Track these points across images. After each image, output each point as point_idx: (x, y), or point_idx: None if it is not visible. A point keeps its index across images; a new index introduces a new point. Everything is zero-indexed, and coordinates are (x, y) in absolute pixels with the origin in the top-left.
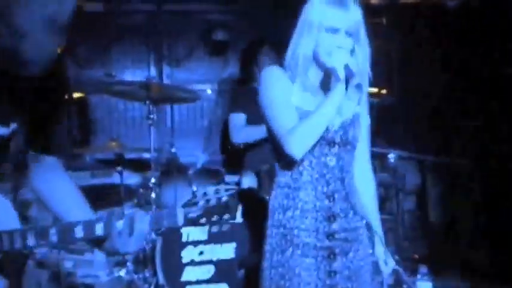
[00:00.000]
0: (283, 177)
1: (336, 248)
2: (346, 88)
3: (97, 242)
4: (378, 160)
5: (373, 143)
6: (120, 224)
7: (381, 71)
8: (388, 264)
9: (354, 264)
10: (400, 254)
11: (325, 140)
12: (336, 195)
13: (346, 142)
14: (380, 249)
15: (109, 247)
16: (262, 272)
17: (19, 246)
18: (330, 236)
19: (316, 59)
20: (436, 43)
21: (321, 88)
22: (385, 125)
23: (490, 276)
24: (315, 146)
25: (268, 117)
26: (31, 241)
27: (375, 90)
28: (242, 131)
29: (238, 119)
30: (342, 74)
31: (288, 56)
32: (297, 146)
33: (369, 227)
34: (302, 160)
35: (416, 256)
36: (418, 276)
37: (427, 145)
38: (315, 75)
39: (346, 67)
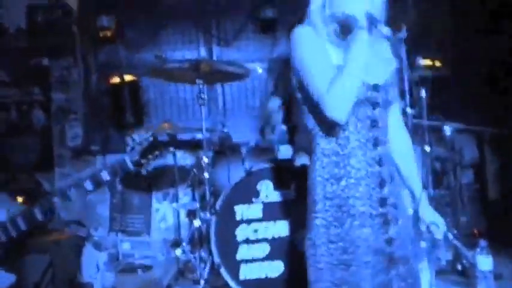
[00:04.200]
0: (327, 145)
1: (389, 214)
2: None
3: None
4: (434, 133)
5: (429, 116)
6: None
7: (434, 42)
8: (439, 224)
9: (405, 231)
10: (459, 229)
11: (369, 101)
12: (383, 159)
13: (387, 103)
14: (428, 212)
15: None
16: (315, 249)
17: None
18: (382, 202)
19: (334, 9)
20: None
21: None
22: (441, 98)
23: None
24: (359, 107)
25: (304, 80)
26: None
27: (428, 62)
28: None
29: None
30: (363, 21)
31: (310, 12)
32: (337, 107)
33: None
34: (347, 124)
35: (476, 231)
36: (478, 250)
37: (484, 117)
38: (339, 28)
39: (368, 14)
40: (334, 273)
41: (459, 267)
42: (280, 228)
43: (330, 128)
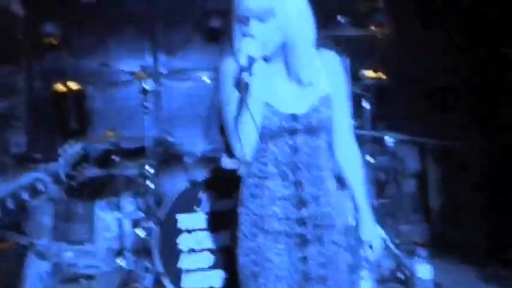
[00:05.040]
0: (252, 167)
1: (308, 234)
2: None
3: None
4: (376, 144)
5: (372, 126)
6: None
7: (377, 53)
8: (374, 248)
9: (329, 251)
10: (400, 238)
11: (286, 130)
12: (304, 182)
13: (311, 128)
14: (366, 230)
15: None
16: (236, 259)
17: None
18: (300, 222)
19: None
20: (433, 23)
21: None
22: (384, 109)
23: (490, 259)
24: (275, 136)
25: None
26: None
27: (371, 73)
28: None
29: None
30: (243, 63)
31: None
32: (239, 150)
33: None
34: (265, 151)
35: (417, 240)
36: (417, 258)
37: (426, 128)
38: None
39: (248, 56)
40: (249, 283)
41: (400, 275)
42: (223, 238)
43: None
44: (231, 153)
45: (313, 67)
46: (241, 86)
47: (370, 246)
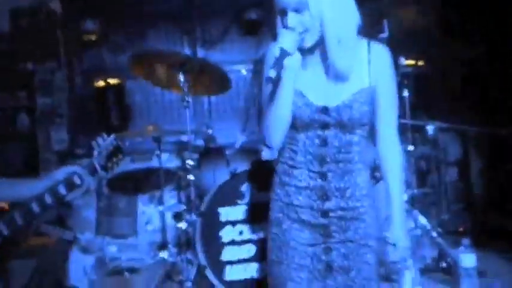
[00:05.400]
0: (282, 155)
1: (332, 225)
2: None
3: None
4: (418, 133)
5: (412, 114)
6: None
7: (418, 41)
8: (398, 248)
9: (353, 243)
10: (443, 227)
11: (318, 123)
12: (330, 175)
13: (342, 124)
14: (395, 228)
15: None
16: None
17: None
18: (324, 213)
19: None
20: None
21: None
22: (424, 97)
23: None
24: (307, 128)
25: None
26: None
27: (412, 61)
28: None
29: None
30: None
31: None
32: (267, 136)
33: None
34: (297, 140)
35: (461, 229)
36: (461, 248)
37: (468, 116)
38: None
39: (281, 48)
40: (272, 269)
41: (443, 265)
42: (265, 229)
43: (286, 141)
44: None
45: (354, 59)
46: (275, 76)
47: (394, 245)
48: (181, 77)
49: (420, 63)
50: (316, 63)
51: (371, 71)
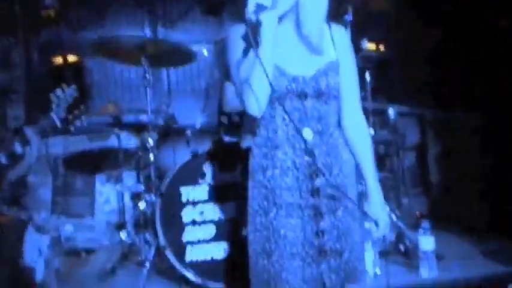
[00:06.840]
0: (259, 136)
1: (322, 206)
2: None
3: None
4: (377, 117)
5: (373, 99)
6: None
7: (378, 26)
8: (380, 225)
9: (343, 224)
10: (401, 211)
11: (295, 93)
12: (316, 150)
13: (320, 93)
14: (374, 207)
15: None
16: (248, 235)
17: None
18: (314, 193)
19: None
20: None
21: None
22: (384, 81)
23: (491, 232)
24: (284, 99)
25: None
26: None
27: (372, 46)
28: (233, 102)
29: (230, 89)
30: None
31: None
32: (249, 104)
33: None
34: (274, 117)
35: (418, 212)
36: (420, 231)
37: (426, 100)
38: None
39: (256, 4)
40: (258, 261)
41: (402, 248)
42: (226, 210)
43: (262, 120)
44: (226, 128)
45: (323, 34)
46: (252, 38)
47: (376, 223)
48: (143, 60)
49: (381, 47)
50: (288, 33)
51: (334, 48)
